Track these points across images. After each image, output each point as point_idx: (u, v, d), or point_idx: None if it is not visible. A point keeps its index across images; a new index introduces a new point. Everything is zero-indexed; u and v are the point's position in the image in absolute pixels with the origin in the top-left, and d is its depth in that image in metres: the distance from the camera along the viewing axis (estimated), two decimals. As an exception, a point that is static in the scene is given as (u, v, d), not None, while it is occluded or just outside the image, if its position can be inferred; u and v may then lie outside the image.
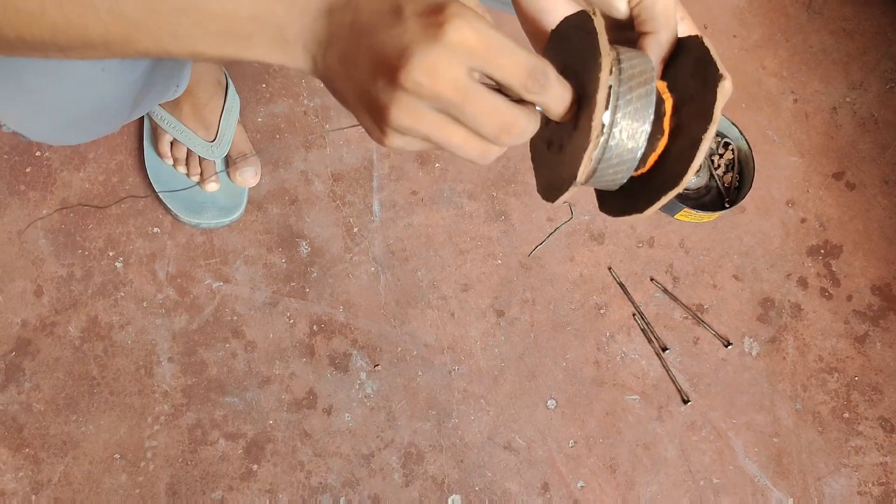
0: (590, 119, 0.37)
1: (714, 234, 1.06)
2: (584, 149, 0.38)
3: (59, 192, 0.99)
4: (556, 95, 0.38)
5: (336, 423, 0.94)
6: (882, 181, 1.11)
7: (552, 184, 0.43)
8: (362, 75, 0.37)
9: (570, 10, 0.45)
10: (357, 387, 0.95)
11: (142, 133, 1.01)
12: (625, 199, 0.44)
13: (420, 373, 0.96)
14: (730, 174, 1.07)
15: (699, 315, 1.02)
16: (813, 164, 1.11)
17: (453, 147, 0.37)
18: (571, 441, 0.96)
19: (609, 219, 1.06)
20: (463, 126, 0.37)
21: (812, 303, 1.05)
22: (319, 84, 1.07)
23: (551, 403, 0.97)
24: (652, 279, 1.03)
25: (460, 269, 1.01)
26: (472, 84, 0.35)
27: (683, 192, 1.05)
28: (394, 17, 0.35)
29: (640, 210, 0.42)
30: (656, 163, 0.43)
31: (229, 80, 0.98)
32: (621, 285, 1.02)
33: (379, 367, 0.96)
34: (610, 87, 0.38)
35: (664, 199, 0.41)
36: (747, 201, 1.07)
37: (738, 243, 1.06)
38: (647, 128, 0.39)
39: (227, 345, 0.95)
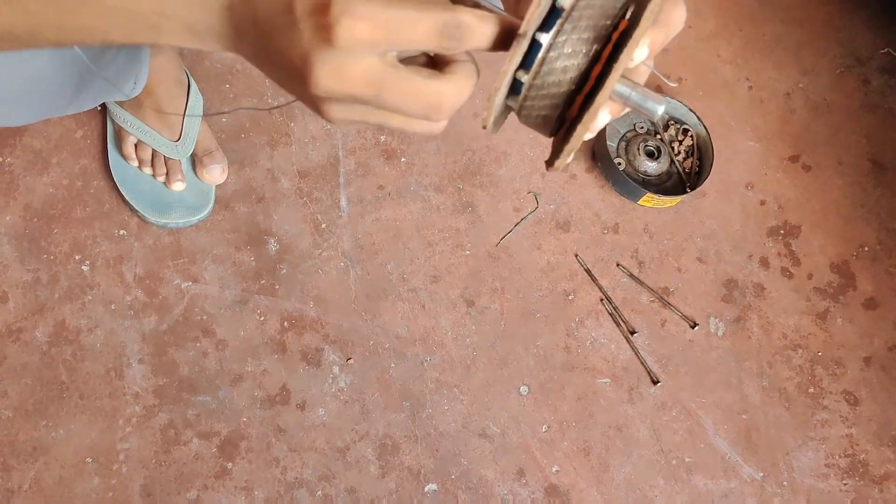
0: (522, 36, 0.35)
1: (677, 219, 1.08)
2: (509, 60, 0.36)
3: (22, 198, 0.98)
4: (480, 36, 0.35)
5: (310, 417, 0.94)
6: (836, 162, 1.14)
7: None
8: (280, 75, 0.36)
9: None
10: (330, 381, 0.95)
11: (105, 136, 1.00)
12: (557, 145, 0.41)
13: (393, 365, 0.97)
14: (690, 160, 1.10)
15: (665, 298, 1.04)
16: (770, 148, 1.14)
17: (395, 128, 0.37)
18: (545, 426, 0.97)
19: (574, 207, 1.07)
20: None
21: (774, 282, 1.07)
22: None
23: (524, 390, 0.98)
24: (618, 264, 1.05)
25: (429, 261, 1.02)
26: (384, 73, 0.33)
27: (646, 178, 1.08)
28: (288, 17, 0.33)
29: (561, 145, 0.38)
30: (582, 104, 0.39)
31: (191, 80, 0.98)
32: (588, 272, 1.04)
33: (351, 361, 0.96)
34: (556, 7, 0.36)
35: (585, 122, 0.36)
36: (708, 186, 1.10)
37: (701, 227, 1.09)
38: (581, 61, 0.36)
39: (198, 344, 0.95)
